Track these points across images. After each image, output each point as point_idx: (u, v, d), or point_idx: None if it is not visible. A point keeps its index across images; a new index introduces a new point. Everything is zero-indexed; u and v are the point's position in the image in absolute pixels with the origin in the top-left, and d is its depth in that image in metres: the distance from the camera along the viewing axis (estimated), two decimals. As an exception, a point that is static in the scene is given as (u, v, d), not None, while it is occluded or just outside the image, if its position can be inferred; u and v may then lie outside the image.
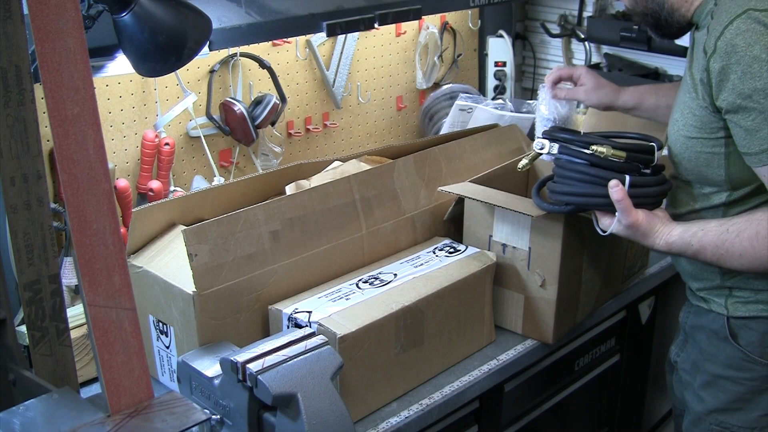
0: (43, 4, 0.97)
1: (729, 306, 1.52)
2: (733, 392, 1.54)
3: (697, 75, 1.42)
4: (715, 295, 1.54)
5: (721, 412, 1.57)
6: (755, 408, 1.53)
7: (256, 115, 2.13)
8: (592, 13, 2.67)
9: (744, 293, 1.50)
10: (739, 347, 1.51)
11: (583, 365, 2.07)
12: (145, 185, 1.98)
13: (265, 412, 1.28)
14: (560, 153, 1.53)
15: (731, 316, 1.52)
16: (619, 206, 1.44)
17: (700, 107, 1.43)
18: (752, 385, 1.52)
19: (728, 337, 1.52)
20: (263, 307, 1.53)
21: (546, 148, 1.54)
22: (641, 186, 1.47)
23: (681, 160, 1.51)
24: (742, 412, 1.54)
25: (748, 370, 1.51)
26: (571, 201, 1.52)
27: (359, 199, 1.69)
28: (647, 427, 2.56)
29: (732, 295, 1.52)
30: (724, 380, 1.55)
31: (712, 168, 1.46)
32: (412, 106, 2.66)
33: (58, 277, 1.29)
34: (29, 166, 1.23)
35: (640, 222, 1.45)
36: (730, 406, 1.55)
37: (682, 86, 1.53)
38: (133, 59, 1.53)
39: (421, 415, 1.53)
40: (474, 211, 1.77)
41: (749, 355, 1.50)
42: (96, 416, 1.07)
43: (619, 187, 1.43)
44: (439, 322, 1.60)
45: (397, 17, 2.06)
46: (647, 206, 1.48)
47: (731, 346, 1.52)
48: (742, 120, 1.34)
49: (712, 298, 1.55)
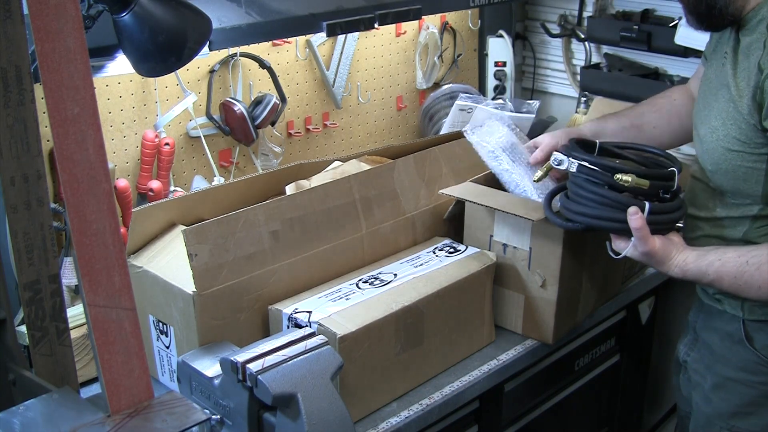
0: (43, 4, 0.97)
1: (745, 308, 1.50)
2: (745, 396, 1.52)
3: (746, 89, 1.38)
4: (731, 296, 1.51)
5: (732, 416, 1.54)
6: (767, 413, 1.51)
7: (256, 115, 2.13)
8: (592, 13, 2.67)
9: None
10: (754, 350, 1.49)
11: (583, 365, 2.07)
12: (145, 185, 1.98)
13: (265, 412, 1.28)
14: (579, 172, 1.48)
15: (747, 319, 1.50)
16: (637, 234, 1.41)
17: (745, 122, 1.40)
18: (765, 390, 1.50)
19: (743, 340, 1.50)
20: (263, 307, 1.53)
21: (565, 164, 1.49)
22: (660, 213, 1.44)
23: (717, 170, 1.48)
24: (754, 417, 1.52)
25: (762, 374, 1.49)
26: (585, 222, 1.48)
27: (359, 199, 1.69)
28: (647, 427, 2.56)
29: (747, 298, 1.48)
30: (735, 383, 1.53)
31: (750, 182, 1.43)
32: (412, 106, 2.66)
33: (58, 277, 1.29)
34: (29, 166, 1.23)
35: (657, 250, 1.43)
36: (742, 410, 1.53)
37: (714, 89, 1.49)
38: (133, 59, 1.53)
39: (421, 415, 1.53)
40: (474, 212, 1.77)
41: (764, 359, 1.49)
42: (96, 416, 1.07)
43: (639, 215, 1.40)
44: (439, 322, 1.60)
45: (397, 17, 2.06)
46: (663, 231, 1.46)
47: (746, 349, 1.50)
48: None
49: (728, 299, 1.52)
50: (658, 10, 2.52)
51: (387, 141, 2.60)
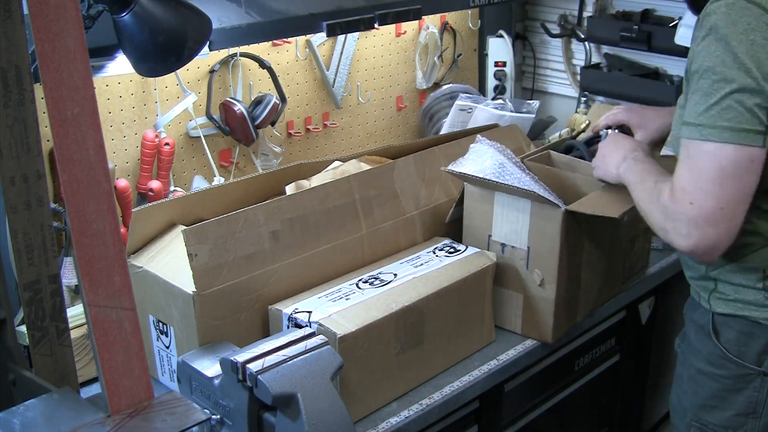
0: (43, 4, 0.97)
1: (711, 302, 1.52)
2: (710, 388, 1.54)
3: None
4: (702, 288, 1.54)
5: (699, 408, 1.57)
6: (729, 407, 1.53)
7: (256, 115, 2.13)
8: (592, 13, 2.67)
9: (727, 288, 1.49)
10: (718, 344, 1.51)
11: (583, 365, 2.07)
12: (145, 185, 1.98)
13: (265, 412, 1.29)
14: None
15: (714, 312, 1.52)
16: None
17: None
18: (727, 383, 1.52)
19: (710, 333, 1.52)
20: (263, 307, 1.53)
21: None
22: None
23: None
24: (718, 411, 1.54)
25: (724, 368, 1.51)
26: None
27: (359, 199, 1.69)
28: (647, 427, 2.56)
29: (716, 290, 1.51)
30: (703, 376, 1.55)
31: None
32: (412, 106, 2.66)
33: (58, 277, 1.29)
34: (29, 166, 1.23)
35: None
36: (707, 403, 1.55)
37: None
38: (133, 59, 1.53)
39: (421, 415, 1.53)
40: (473, 211, 1.77)
41: (726, 353, 1.50)
42: (96, 416, 1.07)
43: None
44: (439, 322, 1.60)
45: (397, 17, 2.06)
46: None
47: (712, 342, 1.52)
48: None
49: (700, 291, 1.55)
50: (658, 10, 2.52)
51: (387, 141, 2.60)
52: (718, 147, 1.29)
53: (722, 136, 1.29)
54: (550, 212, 1.63)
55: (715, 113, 1.29)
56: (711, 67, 1.30)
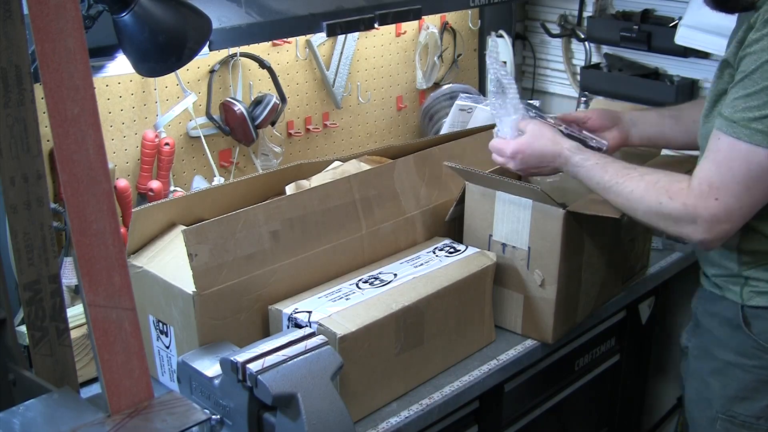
0: (43, 4, 0.97)
1: (744, 295, 1.51)
2: (741, 380, 1.54)
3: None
4: (732, 282, 1.54)
5: (729, 400, 1.56)
6: (763, 397, 1.52)
7: (256, 115, 2.13)
8: (592, 13, 2.67)
9: (760, 283, 1.49)
10: (751, 335, 1.51)
11: (583, 365, 2.07)
12: (145, 185, 1.98)
13: (265, 412, 1.29)
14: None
15: (746, 305, 1.51)
16: None
17: None
18: (761, 374, 1.51)
19: (741, 325, 1.52)
20: (263, 307, 1.53)
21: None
22: None
23: None
24: (749, 402, 1.54)
25: (758, 358, 1.51)
26: None
27: (359, 199, 1.69)
28: (647, 427, 2.56)
29: (748, 284, 1.51)
30: (734, 368, 1.55)
31: None
32: (412, 106, 2.66)
33: (58, 277, 1.29)
34: (29, 166, 1.23)
35: None
36: (739, 395, 1.55)
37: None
38: (133, 59, 1.53)
39: (421, 415, 1.53)
40: (474, 210, 1.77)
41: (761, 344, 1.50)
42: (96, 416, 1.07)
43: None
44: (439, 322, 1.60)
45: (397, 17, 2.06)
46: None
47: (743, 334, 1.52)
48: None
49: (728, 285, 1.55)
50: (658, 10, 2.52)
51: (387, 141, 2.60)
52: (751, 149, 1.31)
53: (755, 138, 1.30)
54: (551, 212, 1.63)
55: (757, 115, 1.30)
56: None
